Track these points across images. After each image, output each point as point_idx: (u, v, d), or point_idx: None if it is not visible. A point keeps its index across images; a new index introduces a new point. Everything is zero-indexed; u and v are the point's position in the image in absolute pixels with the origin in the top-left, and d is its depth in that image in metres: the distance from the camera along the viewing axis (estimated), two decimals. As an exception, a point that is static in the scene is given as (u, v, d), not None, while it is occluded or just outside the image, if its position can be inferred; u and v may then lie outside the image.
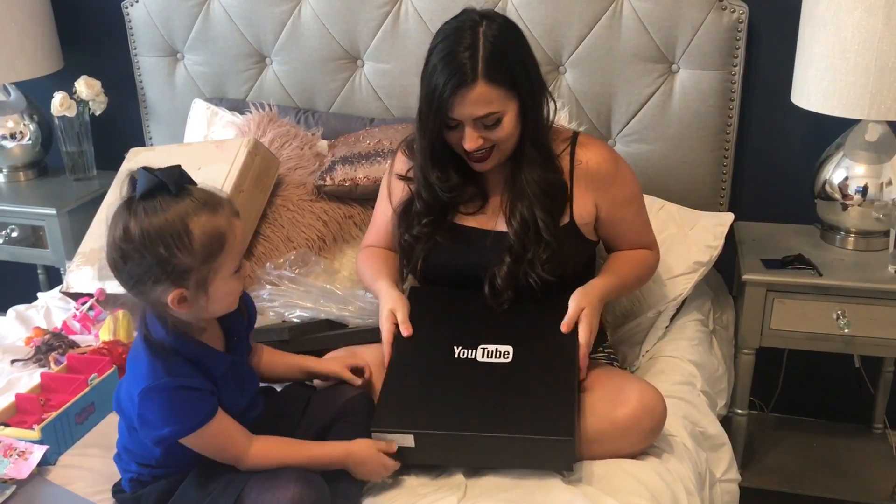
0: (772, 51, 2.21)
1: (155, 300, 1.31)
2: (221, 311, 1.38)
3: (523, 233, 1.67)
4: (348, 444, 1.43)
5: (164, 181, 1.27)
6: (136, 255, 1.26)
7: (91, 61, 2.75)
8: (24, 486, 1.47)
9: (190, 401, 1.32)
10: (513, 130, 1.63)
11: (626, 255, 1.81)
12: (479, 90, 1.56)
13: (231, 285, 1.34)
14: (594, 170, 1.72)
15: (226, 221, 1.30)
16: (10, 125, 2.69)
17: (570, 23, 2.22)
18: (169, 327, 1.33)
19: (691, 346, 1.93)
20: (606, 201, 1.74)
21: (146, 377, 1.31)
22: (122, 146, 2.59)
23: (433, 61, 1.59)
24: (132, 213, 1.27)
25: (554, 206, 1.69)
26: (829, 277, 1.99)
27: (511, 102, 1.60)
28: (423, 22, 2.33)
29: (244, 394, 1.46)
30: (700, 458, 1.63)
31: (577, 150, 1.73)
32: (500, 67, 1.57)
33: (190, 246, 1.26)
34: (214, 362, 1.38)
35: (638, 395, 1.52)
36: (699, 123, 2.22)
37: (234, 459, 1.38)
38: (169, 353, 1.33)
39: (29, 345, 1.97)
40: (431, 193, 1.72)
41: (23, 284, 2.98)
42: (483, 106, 1.57)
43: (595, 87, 2.26)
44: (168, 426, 1.31)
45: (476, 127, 1.60)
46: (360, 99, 2.48)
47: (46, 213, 2.56)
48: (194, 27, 2.55)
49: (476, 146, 1.61)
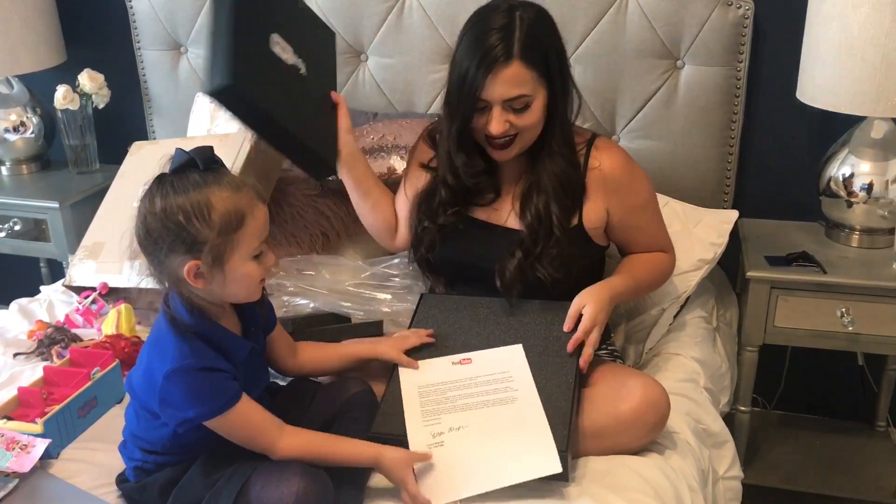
0: (777, 47, 2.20)
1: (172, 273, 1.33)
2: (240, 295, 1.38)
3: (537, 226, 1.67)
4: (382, 449, 1.41)
5: (194, 158, 1.32)
6: (157, 224, 1.30)
7: (94, 54, 2.74)
8: (27, 480, 1.47)
9: (215, 382, 1.33)
10: (540, 118, 1.62)
11: (640, 257, 1.81)
12: (513, 70, 1.55)
13: (250, 268, 1.35)
14: (608, 175, 1.70)
15: (247, 202, 1.34)
16: (14, 118, 2.69)
17: (576, 18, 2.21)
18: (191, 309, 1.35)
19: (695, 343, 1.93)
20: (619, 207, 1.73)
21: (172, 359, 1.33)
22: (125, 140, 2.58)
23: (466, 42, 1.59)
24: (161, 187, 1.32)
25: (569, 203, 1.68)
26: (834, 275, 1.99)
27: (541, 88, 1.60)
28: (427, 16, 2.32)
29: (256, 387, 1.47)
30: (703, 455, 1.63)
31: (593, 152, 1.71)
32: (536, 50, 1.57)
33: (208, 217, 1.29)
34: (236, 347, 1.40)
35: (641, 389, 1.51)
36: (704, 120, 2.21)
37: (265, 447, 1.37)
38: (193, 335, 1.35)
39: (31, 338, 1.97)
40: (457, 180, 1.71)
41: (25, 278, 2.97)
42: (516, 87, 1.56)
43: (600, 83, 2.26)
44: (193, 408, 1.32)
45: (504, 110, 1.58)
46: (363, 93, 2.47)
47: (49, 206, 2.56)
48: (198, 20, 2.54)
49: (502, 130, 1.59)
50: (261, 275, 1.38)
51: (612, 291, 1.65)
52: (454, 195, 1.73)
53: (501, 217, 1.74)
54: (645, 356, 1.95)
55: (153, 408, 1.37)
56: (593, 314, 1.59)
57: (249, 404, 1.37)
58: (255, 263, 1.36)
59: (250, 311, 1.46)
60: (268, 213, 1.38)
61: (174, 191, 1.30)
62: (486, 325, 1.67)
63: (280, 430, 1.38)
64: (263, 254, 1.37)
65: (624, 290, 1.69)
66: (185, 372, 1.32)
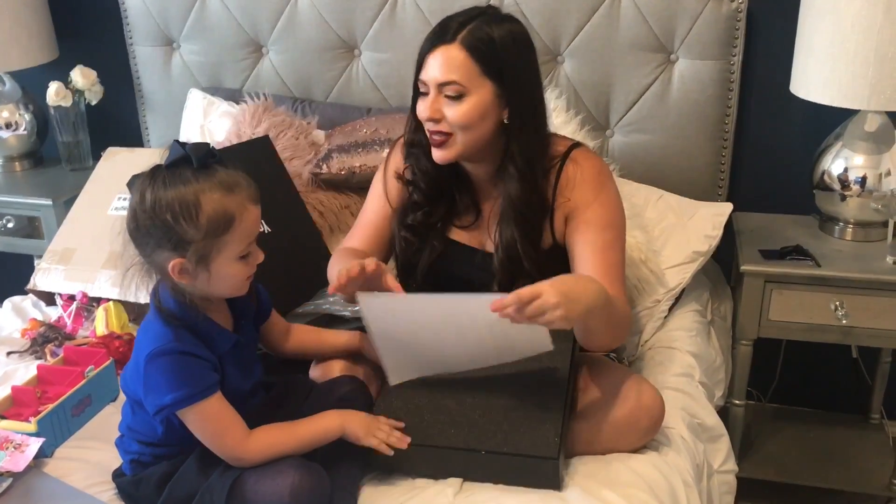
0: (771, 40, 2.20)
1: (159, 266, 1.34)
2: (226, 291, 1.40)
3: (507, 261, 1.60)
4: (345, 419, 1.42)
5: (189, 155, 1.32)
6: (146, 219, 1.31)
7: (86, 51, 2.73)
8: (21, 479, 1.47)
9: (193, 367, 1.34)
10: (475, 119, 1.53)
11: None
12: (451, 52, 1.51)
13: (236, 268, 1.36)
14: (573, 183, 1.61)
15: (238, 205, 1.33)
16: (6, 115, 2.67)
17: (569, 12, 2.21)
18: (179, 299, 1.36)
19: (689, 336, 1.93)
20: (577, 215, 1.61)
21: (153, 341, 1.34)
22: (118, 136, 2.58)
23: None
24: (153, 180, 1.32)
25: (530, 229, 1.60)
26: (828, 268, 1.99)
27: (484, 87, 1.53)
28: (420, 11, 2.32)
29: (247, 378, 1.48)
30: (698, 449, 1.63)
31: (567, 164, 1.63)
32: (484, 46, 1.52)
33: (196, 219, 1.30)
34: (220, 338, 1.40)
35: (636, 394, 1.51)
36: (698, 113, 2.21)
37: (231, 448, 1.37)
38: (178, 324, 1.36)
39: (25, 336, 1.96)
40: (426, 179, 1.67)
41: (19, 275, 2.95)
42: (449, 70, 1.51)
43: (593, 77, 2.25)
44: (171, 392, 1.32)
45: (438, 95, 1.53)
46: (357, 89, 2.47)
47: (42, 203, 2.55)
48: (190, 16, 2.53)
49: (428, 115, 1.54)
50: (247, 273, 1.39)
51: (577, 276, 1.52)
52: (424, 195, 1.68)
53: (482, 239, 1.69)
54: (640, 349, 1.95)
55: (140, 397, 1.38)
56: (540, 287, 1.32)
57: (223, 401, 1.37)
58: (242, 263, 1.37)
59: (242, 303, 1.47)
60: (259, 215, 1.38)
61: (165, 186, 1.31)
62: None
63: (246, 433, 1.38)
64: (251, 254, 1.38)
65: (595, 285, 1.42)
66: (165, 354, 1.33)
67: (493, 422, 1.47)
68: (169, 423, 1.38)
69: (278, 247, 1.87)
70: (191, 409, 1.34)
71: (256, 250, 1.39)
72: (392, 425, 1.45)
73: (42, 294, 2.09)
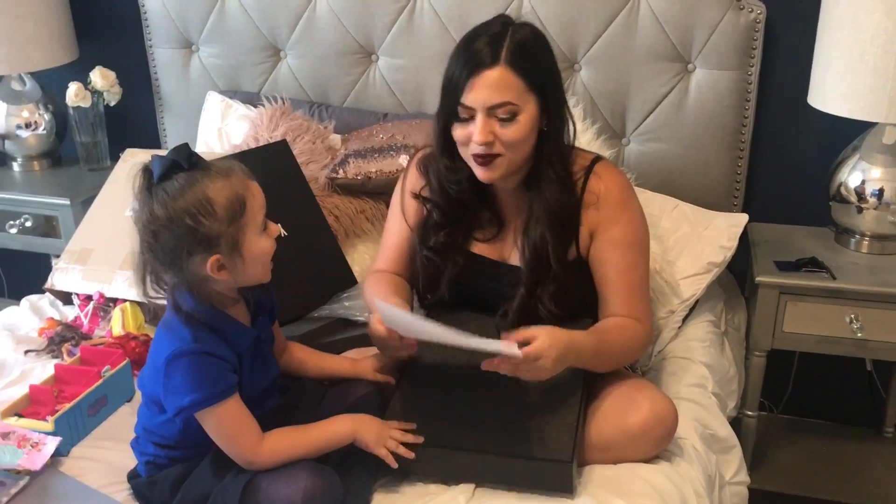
0: (789, 51, 2.19)
1: (195, 273, 1.35)
2: (260, 272, 1.41)
3: (534, 263, 1.59)
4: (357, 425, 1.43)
5: (177, 160, 1.33)
6: (165, 231, 1.32)
7: (106, 52, 2.75)
8: (37, 477, 1.48)
9: (213, 369, 1.35)
10: (527, 134, 1.53)
11: (608, 321, 1.62)
12: (498, 73, 1.49)
13: (263, 243, 1.39)
14: (599, 199, 1.61)
15: (241, 184, 1.36)
16: (26, 115, 2.70)
17: (587, 20, 2.21)
18: (198, 298, 1.37)
19: (703, 347, 1.93)
20: (600, 234, 1.61)
21: (175, 343, 1.35)
22: (136, 137, 2.60)
23: (456, 48, 1.55)
24: (154, 196, 1.33)
25: (564, 233, 1.60)
26: (843, 281, 1.98)
27: (530, 101, 1.52)
28: (437, 17, 2.32)
29: (265, 376, 1.49)
30: (710, 460, 1.63)
31: (592, 179, 1.62)
32: (526, 59, 1.51)
33: (213, 211, 1.32)
34: (240, 335, 1.41)
35: (649, 403, 1.51)
36: (714, 123, 2.21)
37: (244, 451, 1.38)
38: (198, 323, 1.37)
39: (42, 335, 1.98)
40: (446, 198, 1.66)
41: (36, 274, 2.98)
42: (500, 92, 1.49)
43: (610, 86, 2.25)
44: (190, 394, 1.33)
45: (489, 118, 1.50)
46: (374, 94, 2.48)
47: (60, 203, 2.57)
48: (209, 19, 2.55)
49: (485, 139, 1.50)
50: (272, 245, 1.41)
51: (571, 338, 1.46)
52: (445, 217, 1.67)
53: (505, 252, 1.68)
54: (653, 359, 1.95)
55: (159, 397, 1.39)
56: (541, 349, 1.38)
57: (240, 403, 1.39)
58: (266, 236, 1.40)
59: (258, 298, 1.48)
60: (260, 188, 1.40)
61: (170, 197, 1.31)
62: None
63: (260, 436, 1.39)
64: (268, 225, 1.40)
65: (585, 344, 1.49)
66: (186, 355, 1.34)
67: (507, 425, 1.47)
68: (187, 423, 1.39)
69: (294, 250, 1.89)
70: (208, 411, 1.35)
71: (269, 221, 1.41)
72: (403, 429, 1.45)
73: (59, 293, 2.11)
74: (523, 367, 1.39)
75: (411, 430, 1.46)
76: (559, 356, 1.41)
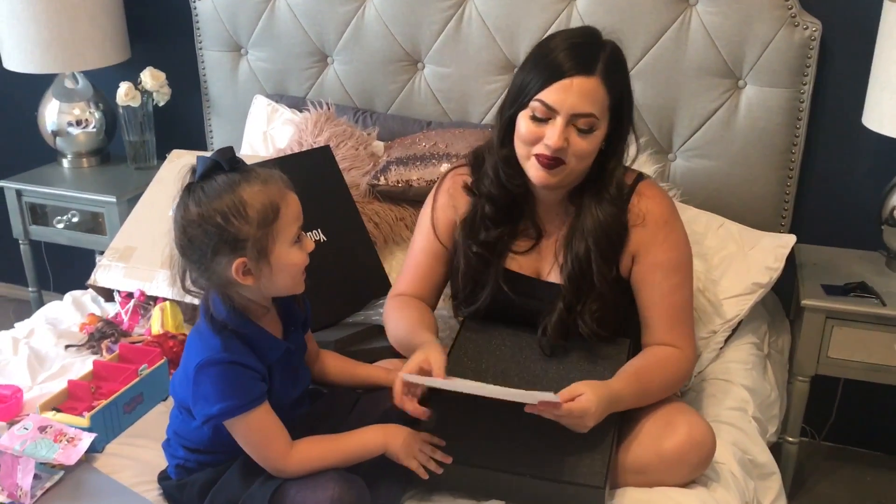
0: (844, 70, 2.14)
1: (221, 275, 1.35)
2: (289, 284, 1.40)
3: (577, 277, 1.57)
4: (388, 437, 1.42)
5: (219, 161, 1.34)
6: (196, 228, 1.33)
7: (157, 53, 2.80)
8: (72, 473, 1.50)
9: (242, 378, 1.35)
10: (594, 150, 1.52)
11: (645, 359, 1.58)
12: (592, 84, 1.47)
13: (293, 256, 1.37)
14: (646, 220, 1.59)
15: (278, 192, 1.36)
16: (77, 112, 2.75)
17: (636, 33, 2.18)
18: (230, 308, 1.37)
19: (745, 370, 1.88)
20: (643, 255, 1.59)
21: (205, 351, 1.36)
22: (184, 138, 2.62)
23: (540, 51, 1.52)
24: (192, 194, 1.34)
25: (610, 250, 1.58)
26: (893, 307, 1.93)
27: (606, 119, 1.51)
28: (485, 26, 2.32)
29: (296, 386, 1.49)
30: (748, 486, 1.59)
31: (634, 198, 1.60)
32: (615, 76, 1.51)
33: (245, 214, 1.32)
34: (270, 346, 1.41)
35: (687, 427, 1.48)
36: (764, 141, 2.16)
37: (273, 459, 1.38)
38: (229, 333, 1.36)
39: (83, 331, 2.00)
40: (502, 191, 1.61)
41: (81, 270, 3.03)
42: (589, 103, 1.47)
43: (658, 100, 2.22)
44: (219, 402, 1.34)
45: (568, 126, 1.48)
46: (418, 101, 2.47)
47: (106, 200, 2.61)
48: (259, 23, 2.57)
49: (560, 145, 1.47)
50: (304, 260, 1.40)
51: (614, 393, 1.45)
52: (498, 208, 1.63)
53: (540, 267, 1.66)
54: (693, 380, 1.91)
55: (189, 404, 1.39)
56: (586, 408, 1.38)
57: (270, 412, 1.38)
58: (297, 249, 1.38)
59: (291, 309, 1.48)
60: (298, 200, 1.40)
61: (206, 196, 1.33)
62: (526, 358, 1.62)
63: (289, 445, 1.39)
64: (301, 239, 1.40)
65: (626, 394, 1.48)
66: (215, 364, 1.34)
67: (539, 446, 1.45)
68: (216, 430, 1.39)
69: (333, 256, 1.89)
70: (237, 419, 1.35)
71: (305, 235, 1.41)
72: (433, 444, 1.44)
73: (101, 290, 2.13)
74: (566, 419, 1.40)
75: (441, 446, 1.44)
76: (602, 412, 1.42)
